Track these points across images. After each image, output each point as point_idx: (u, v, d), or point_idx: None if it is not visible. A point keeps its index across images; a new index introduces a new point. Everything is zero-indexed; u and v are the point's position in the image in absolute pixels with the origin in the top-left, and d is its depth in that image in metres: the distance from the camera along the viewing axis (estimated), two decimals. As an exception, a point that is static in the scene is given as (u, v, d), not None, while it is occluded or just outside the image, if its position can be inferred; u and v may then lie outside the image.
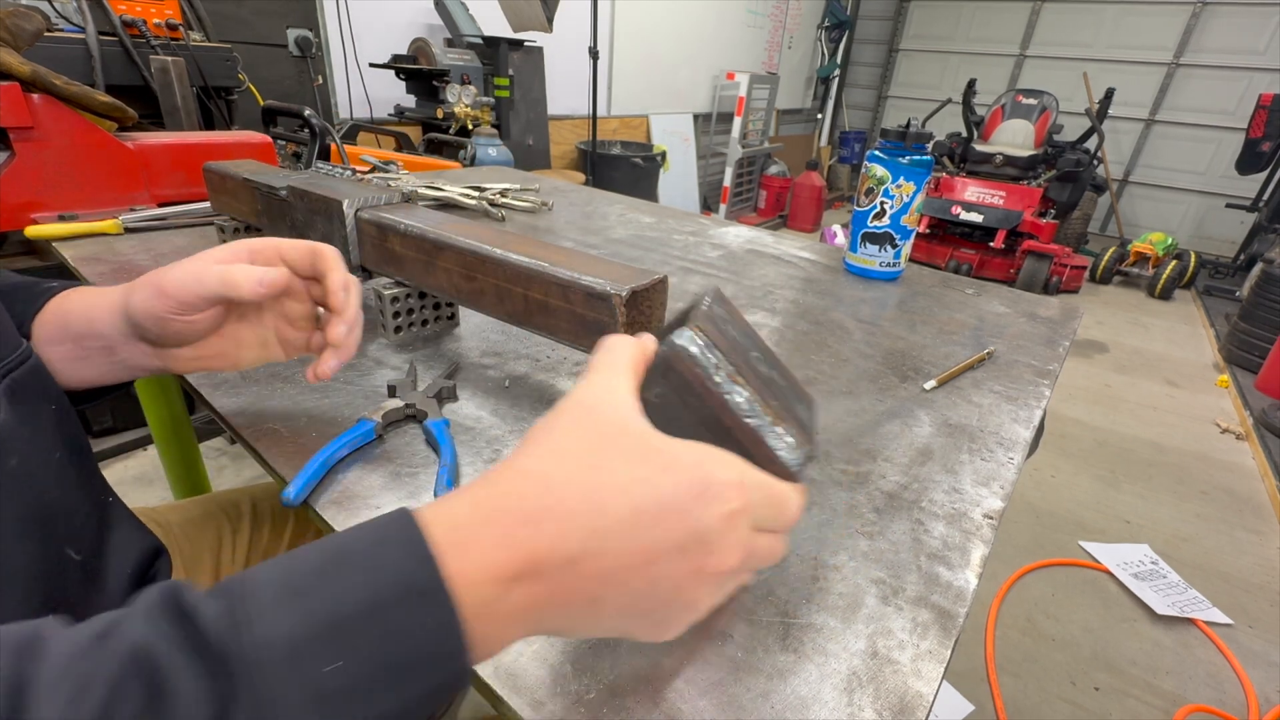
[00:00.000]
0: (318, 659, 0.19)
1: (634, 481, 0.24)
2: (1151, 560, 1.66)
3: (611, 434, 0.25)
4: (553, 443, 0.25)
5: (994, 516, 0.45)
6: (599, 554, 0.23)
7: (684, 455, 0.25)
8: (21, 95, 0.87)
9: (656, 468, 0.24)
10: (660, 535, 0.23)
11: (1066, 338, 0.77)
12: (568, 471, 0.24)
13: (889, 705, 0.31)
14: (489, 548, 0.22)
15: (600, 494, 0.23)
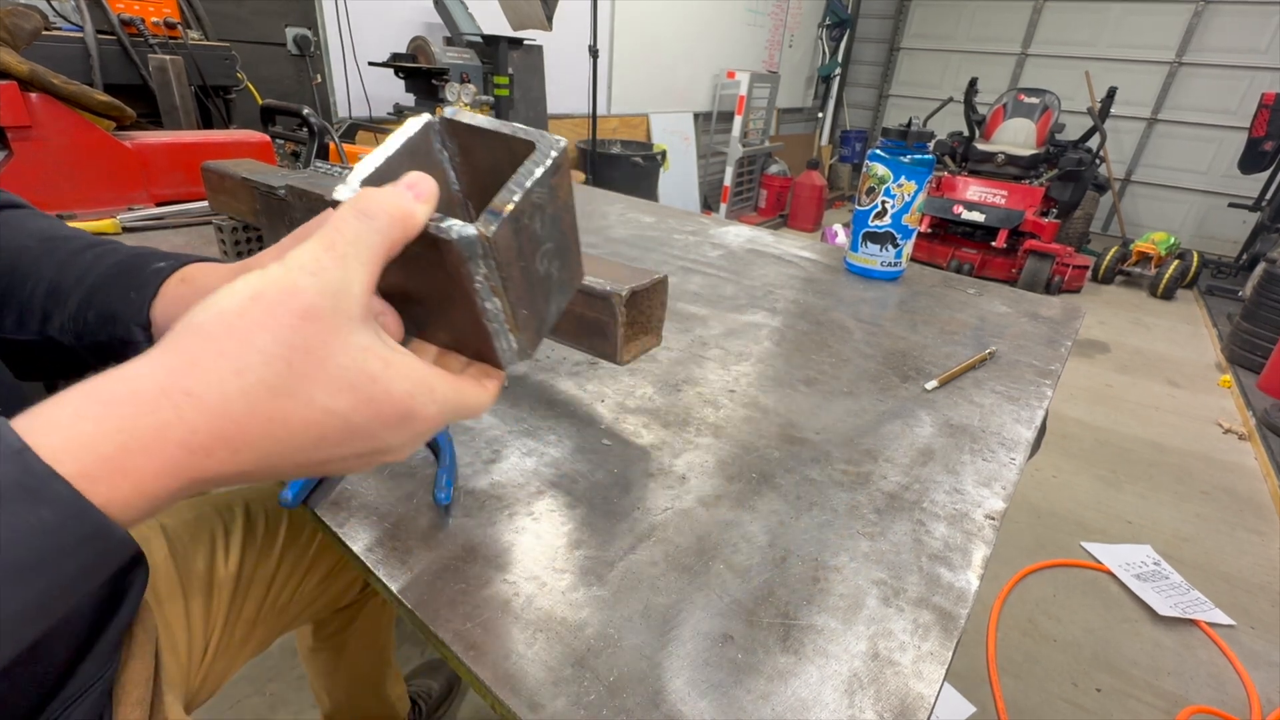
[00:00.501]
0: None
1: (328, 414, 0.23)
2: (1153, 561, 1.66)
3: (322, 354, 0.22)
4: (244, 358, 0.21)
5: (995, 517, 0.44)
6: (274, 465, 0.23)
7: (395, 386, 0.24)
8: (20, 94, 0.87)
9: (360, 399, 0.23)
10: (347, 449, 0.24)
11: (1068, 338, 0.77)
12: (252, 401, 0.21)
13: (890, 707, 0.30)
14: (147, 478, 0.20)
15: (287, 427, 0.22)
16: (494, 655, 0.32)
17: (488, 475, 0.46)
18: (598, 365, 0.62)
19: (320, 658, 0.86)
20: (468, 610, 0.34)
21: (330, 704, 0.91)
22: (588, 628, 0.34)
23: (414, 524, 0.41)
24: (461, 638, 0.33)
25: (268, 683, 1.17)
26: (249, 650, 0.64)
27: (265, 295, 0.22)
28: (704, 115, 4.77)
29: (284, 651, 1.23)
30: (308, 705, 1.14)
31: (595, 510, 0.43)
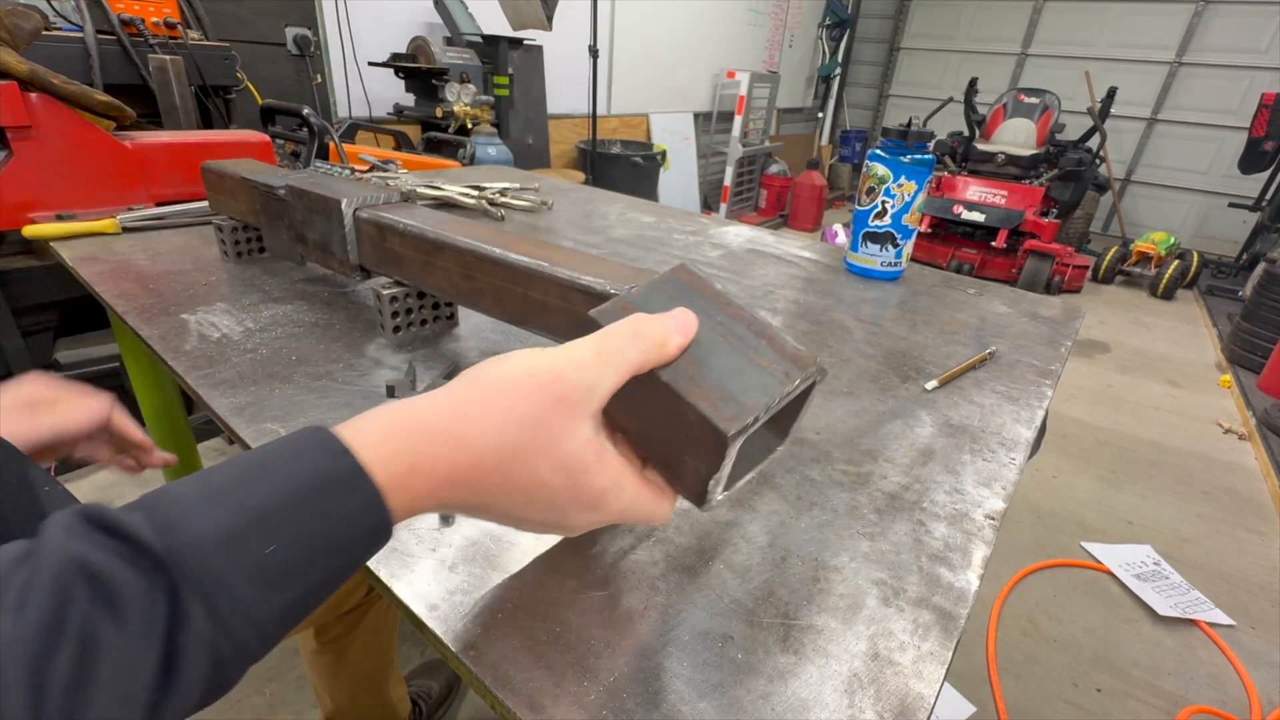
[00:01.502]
0: (252, 544, 0.21)
1: (543, 485, 0.27)
2: (1153, 561, 1.66)
3: (556, 435, 0.27)
4: (506, 421, 0.26)
5: (995, 517, 0.44)
6: (485, 510, 0.29)
7: (596, 481, 0.28)
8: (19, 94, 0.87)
9: (568, 482, 0.28)
10: (537, 514, 0.29)
11: (1068, 338, 0.76)
12: (499, 458, 0.26)
13: (890, 707, 0.30)
14: (415, 496, 0.26)
15: (513, 485, 0.27)
16: (494, 655, 0.32)
17: (488, 475, 0.46)
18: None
19: (323, 660, 0.86)
20: (468, 610, 0.34)
21: (332, 705, 0.91)
22: (588, 627, 0.34)
23: (414, 524, 0.41)
24: (461, 638, 0.33)
25: (268, 683, 1.17)
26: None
27: (537, 375, 0.27)
28: (704, 115, 4.77)
29: (285, 651, 1.23)
30: (308, 705, 1.14)
31: (595, 510, 0.43)
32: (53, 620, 0.18)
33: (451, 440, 0.26)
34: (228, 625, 0.20)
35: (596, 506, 0.29)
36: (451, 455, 0.26)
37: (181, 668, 0.20)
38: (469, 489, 0.27)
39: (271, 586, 0.21)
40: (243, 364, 0.57)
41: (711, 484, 0.30)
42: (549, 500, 0.28)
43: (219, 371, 0.56)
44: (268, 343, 0.61)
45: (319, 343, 0.62)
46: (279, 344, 0.61)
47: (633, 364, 0.28)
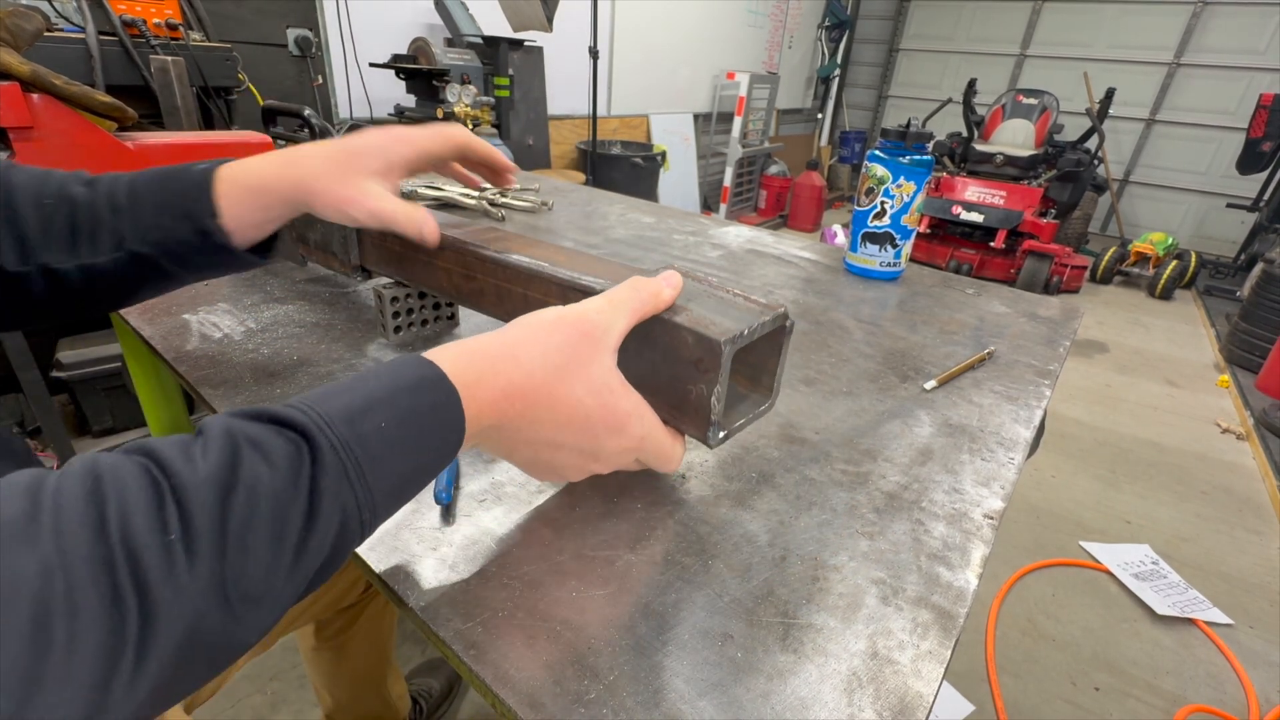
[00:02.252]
0: (368, 420, 0.27)
1: (580, 404, 0.34)
2: (1152, 560, 1.66)
3: (586, 362, 0.34)
4: (548, 346, 0.33)
5: (994, 517, 0.45)
6: (533, 431, 0.34)
7: (621, 403, 0.35)
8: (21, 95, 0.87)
9: (600, 402, 0.34)
10: (573, 440, 0.35)
11: (1067, 338, 0.77)
12: (546, 374, 0.32)
13: (889, 705, 0.31)
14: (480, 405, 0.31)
15: (555, 401, 0.33)
16: (494, 654, 0.32)
17: (488, 474, 0.46)
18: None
19: (322, 657, 0.86)
20: (468, 609, 0.35)
21: (332, 703, 0.91)
22: (588, 627, 0.34)
23: (414, 523, 0.41)
24: (462, 637, 0.33)
25: (269, 681, 1.18)
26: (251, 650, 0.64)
27: (566, 316, 0.34)
28: (704, 116, 4.77)
29: (285, 650, 1.23)
30: (308, 704, 1.14)
31: (595, 510, 0.43)
32: (228, 466, 0.23)
33: (508, 359, 0.32)
34: (352, 481, 0.25)
35: (622, 429, 0.35)
36: (509, 370, 0.31)
37: (320, 512, 0.24)
38: (523, 403, 0.32)
39: (382, 456, 0.26)
40: (244, 364, 0.57)
41: (714, 402, 0.36)
42: (585, 420, 0.34)
43: (221, 371, 0.56)
44: (269, 343, 0.61)
45: (320, 343, 0.62)
46: (280, 344, 0.61)
47: (636, 310, 0.35)
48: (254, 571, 0.22)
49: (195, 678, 0.22)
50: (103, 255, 0.43)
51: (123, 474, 0.21)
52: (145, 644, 0.19)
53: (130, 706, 0.20)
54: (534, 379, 0.32)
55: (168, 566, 0.20)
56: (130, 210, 0.43)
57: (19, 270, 0.41)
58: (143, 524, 0.20)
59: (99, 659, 0.19)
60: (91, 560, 0.19)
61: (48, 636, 0.18)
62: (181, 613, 0.20)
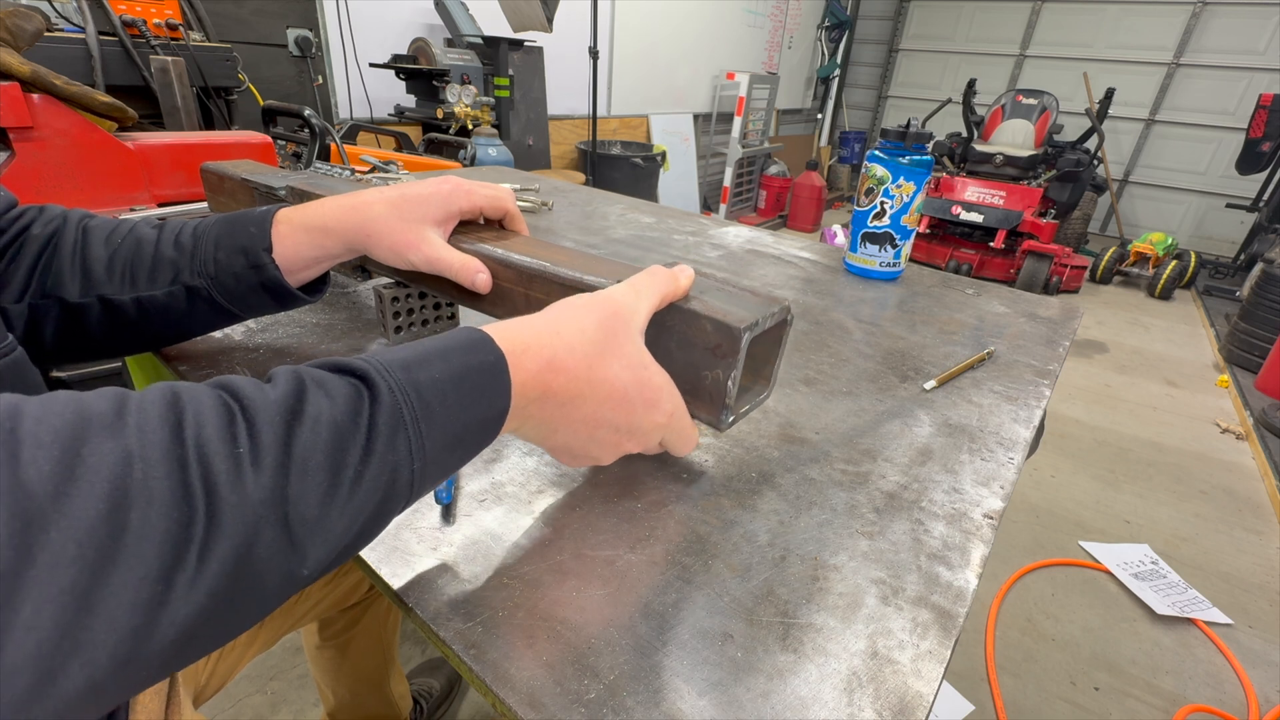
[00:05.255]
0: (424, 369, 0.28)
1: (617, 379, 0.35)
2: (1151, 560, 1.66)
3: (621, 340, 0.36)
4: (586, 324, 0.35)
5: (994, 516, 0.45)
6: (576, 407, 0.34)
7: (655, 378, 0.37)
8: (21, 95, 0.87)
9: (635, 377, 0.36)
10: (612, 415, 0.36)
11: (1066, 338, 0.77)
12: (586, 348, 0.34)
13: (889, 705, 0.31)
14: (527, 372, 0.32)
15: (594, 376, 0.34)
16: (494, 654, 0.32)
17: (488, 474, 0.46)
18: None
19: (325, 656, 0.86)
20: (468, 609, 0.35)
21: (334, 701, 0.91)
22: (588, 627, 0.34)
23: (414, 523, 0.41)
24: (462, 636, 0.33)
25: (269, 681, 1.18)
26: (254, 649, 0.64)
27: (596, 299, 0.36)
28: (704, 116, 4.77)
29: (286, 650, 1.23)
30: (309, 704, 1.14)
31: (595, 510, 0.43)
32: (295, 396, 0.25)
33: (551, 332, 0.34)
34: (407, 424, 0.27)
35: (657, 403, 0.37)
36: (552, 342, 0.33)
37: (375, 450, 0.26)
38: (566, 376, 0.33)
39: (436, 406, 0.28)
40: (245, 364, 0.57)
41: (729, 385, 0.38)
42: (624, 395, 0.35)
43: (221, 371, 0.56)
44: (270, 343, 0.61)
45: (321, 343, 0.62)
46: (281, 344, 0.61)
47: (657, 294, 0.38)
48: (312, 496, 0.23)
49: (245, 611, 0.23)
50: (159, 289, 0.45)
51: (199, 394, 0.23)
52: (208, 544, 0.21)
53: (188, 610, 0.20)
54: (575, 354, 0.33)
55: (235, 474, 0.22)
56: (192, 248, 0.46)
57: (79, 301, 0.44)
58: (214, 434, 0.22)
59: (166, 547, 0.20)
60: (168, 456, 0.21)
61: (123, 518, 0.19)
62: (244, 520, 0.21)
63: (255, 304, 0.48)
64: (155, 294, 0.45)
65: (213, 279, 0.46)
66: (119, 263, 0.45)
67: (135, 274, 0.45)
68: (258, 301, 0.47)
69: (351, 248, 0.47)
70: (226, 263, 0.45)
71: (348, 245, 0.47)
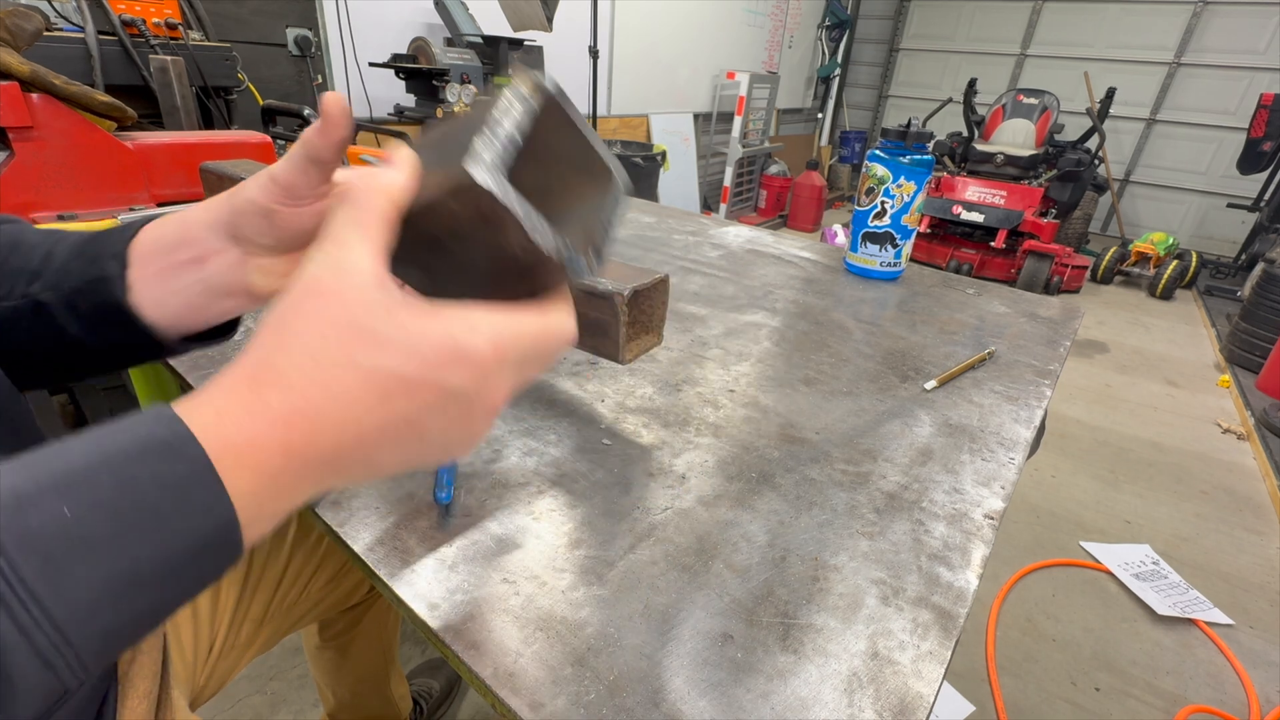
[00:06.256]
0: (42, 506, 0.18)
1: (376, 370, 0.24)
2: (1152, 560, 1.66)
3: (344, 322, 0.24)
4: (291, 341, 0.24)
5: (995, 517, 0.45)
6: (358, 436, 0.24)
7: (430, 330, 0.25)
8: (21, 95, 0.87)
9: (400, 351, 0.24)
10: (417, 404, 0.24)
11: (1067, 338, 0.77)
12: (306, 374, 0.23)
13: (889, 706, 0.31)
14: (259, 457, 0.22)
15: (346, 392, 0.23)
16: (494, 654, 0.32)
17: (488, 475, 0.46)
18: (598, 365, 0.62)
19: (325, 656, 0.86)
20: (468, 609, 0.35)
21: (334, 702, 0.91)
22: (588, 627, 0.34)
23: (414, 523, 0.41)
24: (462, 637, 0.33)
25: (269, 681, 1.18)
26: (255, 649, 0.64)
27: (290, 298, 0.24)
28: (704, 116, 4.77)
29: (286, 650, 1.23)
30: (309, 704, 1.14)
31: (595, 510, 0.43)
32: None
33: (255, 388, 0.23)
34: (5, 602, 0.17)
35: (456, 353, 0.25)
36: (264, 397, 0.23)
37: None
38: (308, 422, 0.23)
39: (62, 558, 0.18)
40: (244, 364, 0.57)
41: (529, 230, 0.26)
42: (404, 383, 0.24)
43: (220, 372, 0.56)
44: (269, 343, 0.61)
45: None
46: (280, 344, 0.61)
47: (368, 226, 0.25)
48: None
49: None
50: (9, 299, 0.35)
51: None
52: None
53: None
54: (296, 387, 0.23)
55: None
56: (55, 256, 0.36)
57: None
58: None
59: None
60: None
61: None
62: None
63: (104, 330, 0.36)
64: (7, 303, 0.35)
65: (57, 288, 0.35)
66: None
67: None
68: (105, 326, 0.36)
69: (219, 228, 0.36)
70: (76, 273, 0.35)
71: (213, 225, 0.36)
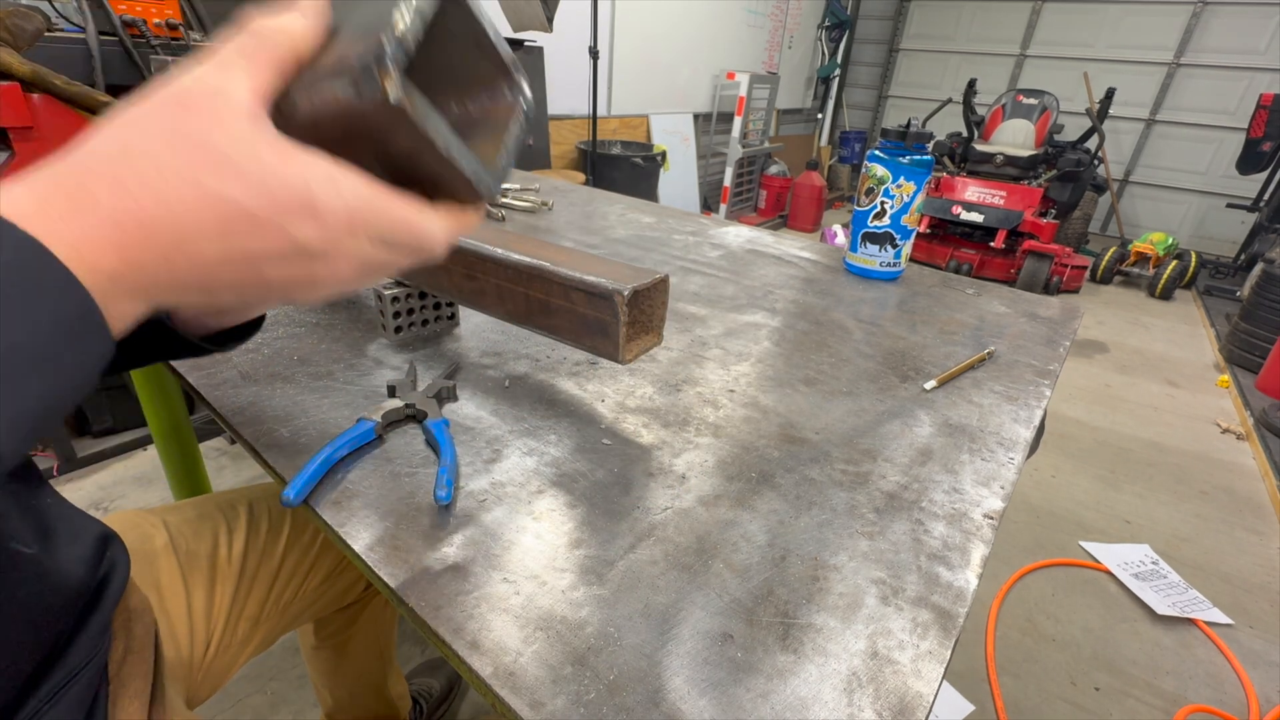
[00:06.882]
0: None
1: (222, 198, 0.23)
2: (1152, 560, 1.66)
3: (200, 140, 0.23)
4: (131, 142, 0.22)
5: (994, 517, 0.45)
6: (194, 261, 0.23)
7: (288, 173, 0.24)
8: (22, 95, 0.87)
9: (251, 184, 0.23)
10: (258, 245, 0.24)
11: (1067, 338, 0.77)
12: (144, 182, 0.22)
13: (889, 705, 0.31)
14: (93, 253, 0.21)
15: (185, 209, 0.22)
16: (494, 653, 0.32)
17: (488, 474, 0.46)
18: (598, 365, 0.62)
19: (322, 656, 0.86)
20: (468, 609, 0.35)
21: (332, 702, 0.91)
22: (588, 626, 0.34)
23: (415, 523, 0.41)
24: (462, 636, 0.33)
25: (269, 681, 1.18)
26: (251, 649, 0.64)
27: (152, 96, 0.23)
28: (704, 116, 4.77)
29: (285, 650, 1.23)
30: (308, 704, 1.14)
31: (595, 509, 0.43)
32: None
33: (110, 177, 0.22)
34: None
35: (309, 206, 0.24)
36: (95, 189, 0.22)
37: None
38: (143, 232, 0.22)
39: None
40: (244, 364, 0.57)
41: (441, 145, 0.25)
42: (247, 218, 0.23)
43: (221, 371, 0.56)
44: (269, 342, 0.61)
45: (320, 342, 0.62)
46: (280, 344, 0.61)
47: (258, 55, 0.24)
48: None
49: None
50: None
51: None
52: None
53: None
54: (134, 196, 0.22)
55: None
56: None
57: None
58: None
59: None
60: None
61: None
62: None
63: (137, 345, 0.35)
64: None
65: None
66: None
67: None
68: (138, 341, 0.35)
69: None
70: None
71: None
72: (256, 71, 0.24)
